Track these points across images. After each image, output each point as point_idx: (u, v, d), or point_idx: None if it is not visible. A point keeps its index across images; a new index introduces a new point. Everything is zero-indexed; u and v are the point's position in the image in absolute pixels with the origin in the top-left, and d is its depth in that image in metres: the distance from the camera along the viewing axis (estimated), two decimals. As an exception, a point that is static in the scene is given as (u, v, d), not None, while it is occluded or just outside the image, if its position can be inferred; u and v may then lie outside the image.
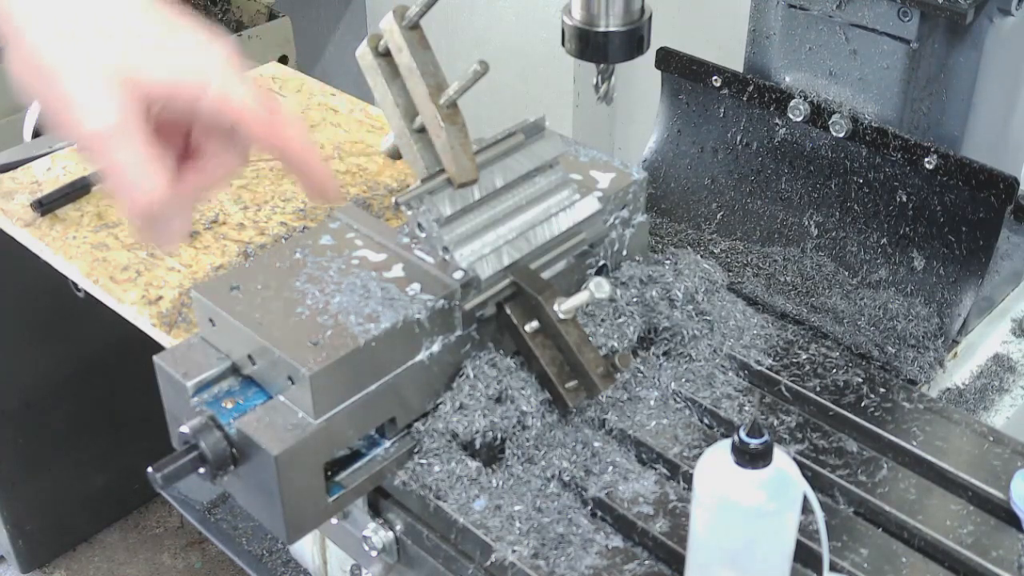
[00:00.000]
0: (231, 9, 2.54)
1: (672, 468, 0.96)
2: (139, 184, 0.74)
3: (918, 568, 0.88)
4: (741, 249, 1.29)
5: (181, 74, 0.76)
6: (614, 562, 0.89)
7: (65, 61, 0.73)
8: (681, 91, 1.37)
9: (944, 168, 1.15)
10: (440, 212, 0.96)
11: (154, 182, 0.74)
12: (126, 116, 0.73)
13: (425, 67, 0.98)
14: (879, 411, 1.01)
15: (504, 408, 0.96)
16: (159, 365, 0.93)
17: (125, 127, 0.73)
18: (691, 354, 1.06)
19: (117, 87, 0.73)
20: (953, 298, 1.17)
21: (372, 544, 0.99)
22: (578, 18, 1.19)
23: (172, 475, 0.85)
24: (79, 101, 0.73)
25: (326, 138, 1.46)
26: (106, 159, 0.74)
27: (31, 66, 0.74)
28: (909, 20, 1.15)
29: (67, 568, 1.93)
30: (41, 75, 0.74)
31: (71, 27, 0.74)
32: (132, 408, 1.59)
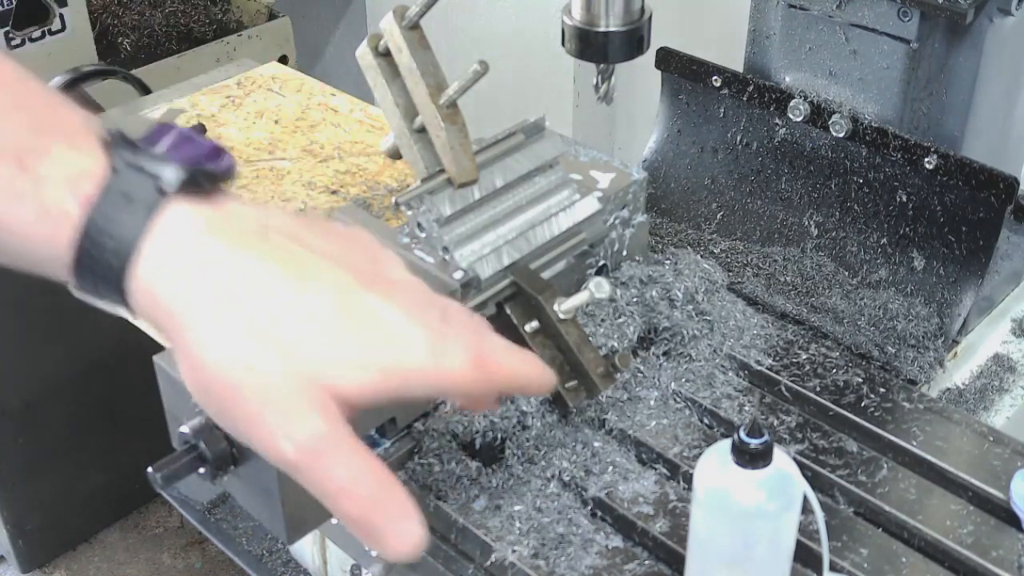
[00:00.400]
0: (231, 9, 2.54)
1: (672, 468, 0.96)
2: (356, 494, 0.64)
3: (918, 568, 0.88)
4: (741, 249, 1.29)
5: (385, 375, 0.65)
6: (614, 562, 0.89)
7: (249, 376, 0.62)
8: (681, 91, 1.37)
9: (944, 168, 1.15)
10: (440, 212, 0.96)
11: (371, 487, 0.64)
12: (327, 428, 0.63)
13: (425, 67, 0.98)
14: (879, 411, 1.01)
15: (504, 408, 0.96)
16: (159, 365, 0.93)
17: (326, 441, 0.63)
18: (691, 354, 1.06)
19: (315, 399, 0.62)
20: (953, 298, 1.17)
21: (372, 544, 0.99)
22: (578, 18, 1.19)
23: (172, 475, 0.85)
24: (270, 422, 0.62)
25: (326, 138, 1.46)
26: (311, 478, 0.63)
27: (206, 379, 0.63)
28: (909, 20, 1.15)
29: (67, 568, 1.93)
30: (220, 390, 0.63)
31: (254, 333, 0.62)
32: (132, 408, 1.59)
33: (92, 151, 0.64)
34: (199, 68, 2.08)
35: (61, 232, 0.63)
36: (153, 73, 2.18)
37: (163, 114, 1.52)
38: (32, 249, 0.64)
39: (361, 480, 0.64)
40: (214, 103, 1.55)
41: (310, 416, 0.63)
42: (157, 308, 0.64)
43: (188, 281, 0.63)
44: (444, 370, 0.67)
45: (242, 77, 1.62)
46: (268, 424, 0.63)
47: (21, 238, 0.64)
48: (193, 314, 0.63)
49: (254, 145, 1.45)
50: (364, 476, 0.64)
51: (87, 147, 0.64)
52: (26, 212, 0.62)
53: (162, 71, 2.26)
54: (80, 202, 0.62)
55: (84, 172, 0.63)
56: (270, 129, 1.48)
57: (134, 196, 0.63)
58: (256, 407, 0.63)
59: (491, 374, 0.69)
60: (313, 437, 0.63)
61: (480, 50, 2.47)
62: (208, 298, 0.63)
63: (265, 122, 1.50)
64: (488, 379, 0.69)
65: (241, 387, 0.63)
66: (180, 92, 1.58)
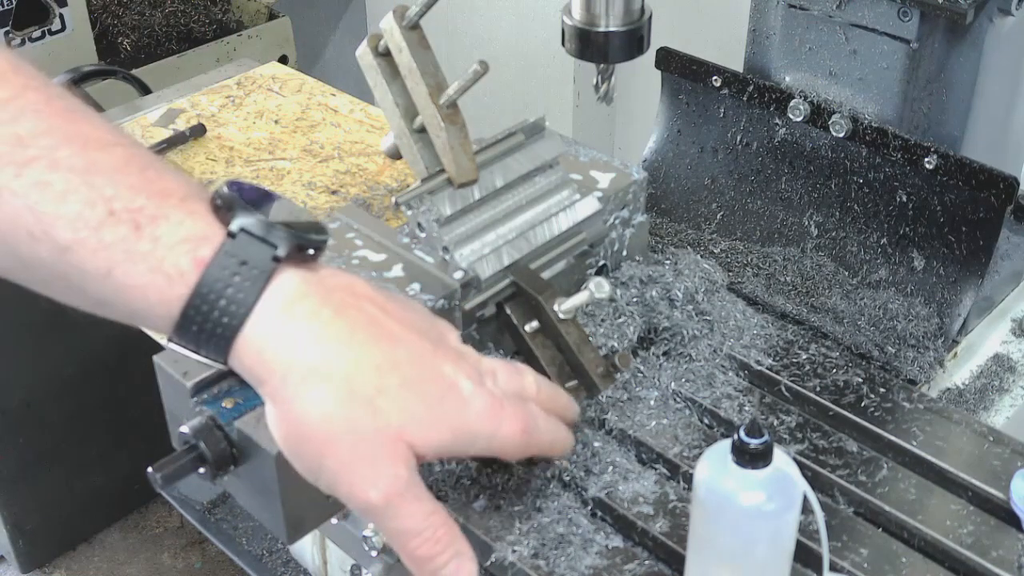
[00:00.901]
0: (231, 9, 2.54)
1: (672, 468, 0.96)
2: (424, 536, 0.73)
3: (918, 568, 0.88)
4: (741, 249, 1.29)
5: (452, 437, 0.74)
6: (614, 562, 0.89)
7: (345, 430, 0.70)
8: (681, 91, 1.37)
9: (944, 168, 1.15)
10: (440, 212, 0.96)
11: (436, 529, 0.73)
12: (408, 478, 0.71)
13: (425, 67, 0.98)
14: (879, 411, 1.01)
15: (504, 408, 0.96)
16: (159, 365, 0.93)
17: (406, 489, 0.71)
18: (691, 354, 1.06)
19: (397, 452, 0.71)
20: (953, 298, 1.17)
21: (372, 544, 0.99)
22: (578, 18, 1.19)
23: (172, 475, 0.85)
24: (360, 471, 0.71)
25: (326, 138, 1.46)
26: (391, 523, 0.72)
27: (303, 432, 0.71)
28: (909, 20, 1.15)
29: (67, 568, 1.93)
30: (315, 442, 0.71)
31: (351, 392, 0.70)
32: (132, 408, 1.59)
33: (205, 215, 0.70)
34: (199, 68, 2.08)
35: (174, 291, 0.68)
36: (153, 73, 2.18)
37: (163, 114, 1.52)
38: (140, 305, 0.69)
39: (432, 523, 0.73)
40: (214, 103, 1.55)
41: (395, 466, 0.71)
42: (263, 366, 0.70)
43: (295, 344, 0.70)
44: (500, 436, 0.77)
45: (242, 77, 1.62)
46: (359, 473, 0.71)
47: (131, 294, 0.68)
48: (298, 374, 0.69)
49: (254, 145, 1.45)
50: (434, 520, 0.73)
51: (200, 211, 0.70)
52: (140, 271, 0.67)
53: (162, 71, 2.26)
54: (196, 265, 0.68)
55: (201, 235, 0.69)
56: (270, 129, 1.48)
57: (250, 261, 0.69)
58: (349, 457, 0.70)
59: (534, 441, 0.80)
60: (396, 484, 0.71)
61: (480, 50, 2.48)
62: (312, 361, 0.70)
63: (265, 122, 1.50)
64: (530, 444, 0.80)
65: (337, 440, 0.70)
66: (180, 92, 1.58)
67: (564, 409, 0.88)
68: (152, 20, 2.42)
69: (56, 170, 0.67)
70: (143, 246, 0.67)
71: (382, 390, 0.71)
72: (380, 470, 0.71)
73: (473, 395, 0.75)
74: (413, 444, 0.72)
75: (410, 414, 0.72)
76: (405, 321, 0.75)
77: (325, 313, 0.71)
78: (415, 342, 0.74)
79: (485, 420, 0.76)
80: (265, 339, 0.69)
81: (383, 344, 0.72)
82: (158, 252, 0.67)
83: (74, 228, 0.66)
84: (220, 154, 1.43)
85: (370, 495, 0.71)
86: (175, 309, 0.68)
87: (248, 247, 0.69)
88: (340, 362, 0.70)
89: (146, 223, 0.67)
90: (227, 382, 0.93)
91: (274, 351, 0.69)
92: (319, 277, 0.72)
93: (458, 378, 0.75)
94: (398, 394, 0.72)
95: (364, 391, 0.70)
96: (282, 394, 0.70)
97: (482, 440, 0.76)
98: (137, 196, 0.67)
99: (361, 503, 0.71)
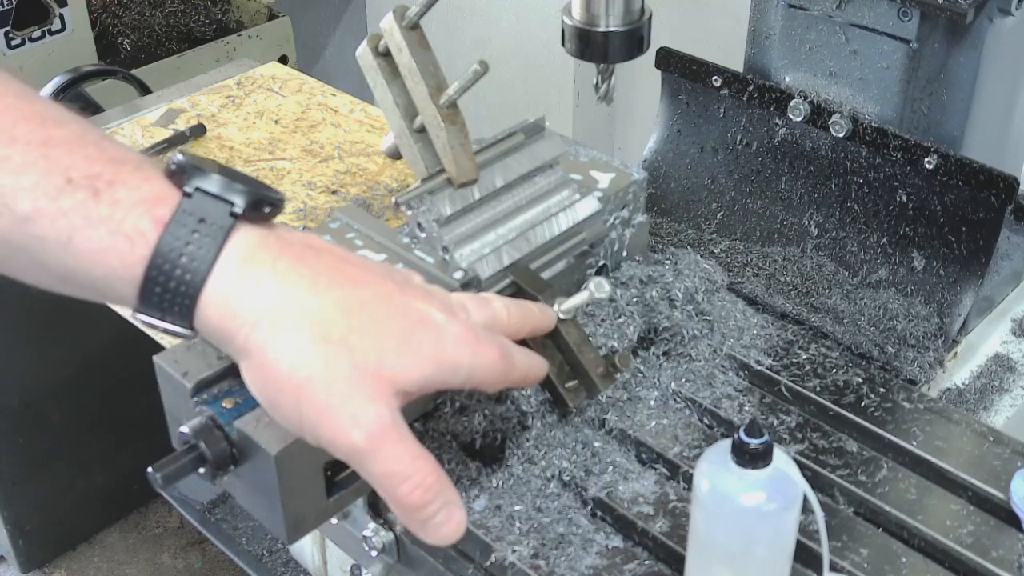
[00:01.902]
0: (231, 9, 2.54)
1: (672, 468, 0.96)
2: (413, 481, 0.70)
3: (918, 568, 0.88)
4: (741, 249, 1.29)
5: (434, 368, 0.73)
6: (614, 562, 0.89)
7: (318, 372, 0.69)
8: (681, 91, 1.37)
9: (944, 168, 1.15)
10: (440, 212, 0.96)
11: (426, 475, 0.71)
12: (388, 417, 0.70)
13: (425, 67, 0.98)
14: (879, 411, 1.01)
15: (504, 408, 0.96)
16: (159, 365, 0.93)
17: (390, 429, 0.70)
18: (691, 354, 1.06)
19: (376, 390, 0.70)
20: (953, 298, 1.17)
21: (372, 544, 0.99)
22: (578, 18, 1.19)
23: (172, 475, 0.85)
24: (340, 413, 0.69)
25: (326, 138, 1.46)
26: (376, 466, 0.70)
27: (277, 380, 0.69)
28: (909, 20, 1.15)
29: (67, 568, 1.93)
30: (290, 389, 0.69)
31: (321, 335, 0.69)
32: (132, 408, 1.59)
33: (161, 179, 0.70)
34: (199, 68, 2.08)
35: (135, 252, 0.68)
36: (153, 73, 2.19)
37: (163, 114, 1.52)
38: (102, 273, 0.69)
39: (419, 467, 0.71)
40: (214, 103, 1.55)
41: (375, 405, 0.69)
42: (228, 322, 0.70)
43: (258, 295, 0.69)
44: (480, 364, 0.76)
45: (242, 77, 1.62)
46: (338, 416, 0.69)
47: (92, 260, 0.68)
48: (264, 323, 0.69)
49: (254, 145, 1.45)
50: (423, 464, 0.71)
51: (156, 176, 0.70)
52: (100, 235, 0.67)
53: (162, 71, 2.26)
54: (155, 224, 0.68)
55: (158, 196, 0.69)
56: (270, 129, 1.48)
57: (208, 218, 0.69)
58: (326, 399, 0.69)
59: (512, 368, 0.79)
60: (379, 424, 0.69)
61: (480, 50, 2.48)
62: (277, 308, 0.69)
63: (265, 122, 1.50)
64: (509, 372, 0.79)
65: (311, 385, 0.69)
66: (180, 92, 1.58)
67: (539, 321, 0.88)
68: (152, 20, 2.42)
69: (14, 144, 0.68)
70: (102, 211, 0.67)
71: (353, 329, 0.70)
72: (361, 410, 0.69)
73: (447, 324, 0.74)
74: (394, 380, 0.70)
75: (386, 349, 0.70)
76: (366, 267, 0.75)
77: (285, 262, 0.71)
78: (380, 283, 0.74)
79: (463, 348, 0.74)
80: (228, 292, 0.69)
81: (347, 287, 0.72)
82: (117, 215, 0.67)
83: (33, 198, 0.67)
84: (220, 154, 1.43)
85: (352, 436, 0.69)
86: (137, 272, 0.68)
87: (206, 205, 0.69)
88: (306, 306, 0.69)
89: (104, 188, 0.68)
90: (227, 382, 0.93)
91: (239, 303, 0.69)
92: (277, 233, 0.73)
93: (429, 311, 0.74)
94: (370, 331, 0.70)
95: (335, 332, 0.69)
96: (252, 345, 0.69)
97: (463, 369, 0.75)
98: (94, 165, 0.68)
99: (344, 447, 0.69)
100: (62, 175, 0.67)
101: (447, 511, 0.72)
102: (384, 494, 0.71)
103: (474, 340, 0.76)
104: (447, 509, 0.72)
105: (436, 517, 0.71)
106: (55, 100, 1.55)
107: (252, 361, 0.70)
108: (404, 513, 0.71)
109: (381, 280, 0.74)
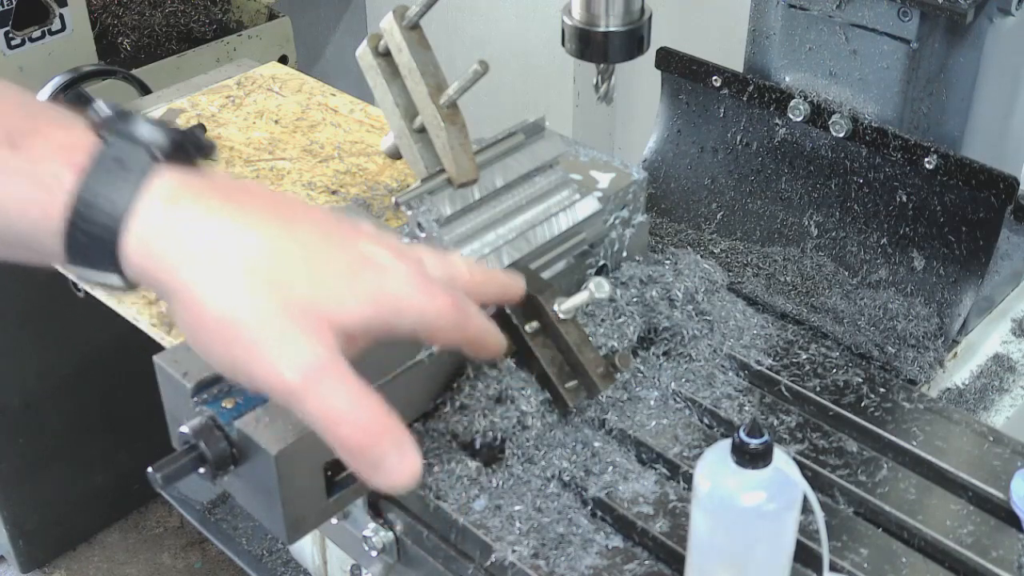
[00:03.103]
0: (231, 9, 2.54)
1: (672, 468, 0.96)
2: (356, 421, 0.66)
3: (918, 568, 0.88)
4: (741, 249, 1.29)
5: (374, 308, 0.69)
6: (614, 562, 0.89)
7: (247, 308, 0.65)
8: (681, 91, 1.37)
9: (944, 168, 1.15)
10: (440, 212, 0.96)
11: (371, 414, 0.66)
12: (327, 354, 0.66)
13: (425, 67, 0.98)
14: (879, 411, 1.01)
15: (504, 408, 0.96)
16: (159, 365, 0.93)
17: (327, 366, 0.65)
18: (691, 354, 1.06)
19: (310, 327, 0.66)
20: (953, 298, 1.17)
21: (372, 544, 0.99)
22: (578, 18, 1.19)
23: (172, 475, 0.85)
24: (271, 350, 0.65)
25: (326, 138, 1.46)
26: (312, 404, 0.65)
27: (205, 319, 0.66)
28: (909, 20, 1.15)
29: (67, 568, 1.93)
30: (219, 327, 0.66)
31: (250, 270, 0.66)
32: (132, 408, 1.59)
33: (80, 128, 0.68)
34: (199, 68, 2.08)
35: (55, 200, 0.66)
36: (153, 73, 2.18)
37: (163, 114, 1.52)
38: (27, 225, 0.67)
39: (362, 406, 0.66)
40: (214, 103, 1.55)
41: (310, 342, 0.65)
42: (154, 262, 0.67)
43: (184, 233, 0.66)
44: (431, 311, 0.72)
45: (242, 77, 1.62)
46: (269, 353, 0.65)
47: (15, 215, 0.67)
48: (190, 261, 0.66)
49: (254, 145, 1.45)
50: (364, 402, 0.66)
51: (75, 125, 0.69)
52: (19, 187, 0.66)
53: (162, 71, 2.26)
54: (73, 170, 0.66)
55: (75, 144, 0.67)
56: (270, 129, 1.48)
57: (127, 162, 0.67)
58: (256, 337, 0.65)
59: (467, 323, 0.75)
60: (314, 361, 0.65)
61: (480, 50, 2.47)
62: (203, 245, 0.66)
63: (265, 122, 1.50)
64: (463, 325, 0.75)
65: (240, 321, 0.65)
66: (180, 92, 1.58)
67: (506, 286, 0.85)
68: (152, 20, 2.42)
69: None
70: (19, 163, 0.66)
71: (284, 265, 0.67)
72: (292, 347, 0.65)
73: (393, 264, 0.71)
74: (330, 317, 0.67)
75: (320, 285, 0.67)
76: (306, 207, 0.72)
77: (211, 200, 0.68)
78: (319, 221, 0.71)
79: (409, 289, 0.71)
80: (152, 234, 0.66)
81: (280, 223, 0.68)
82: (35, 166, 0.66)
83: None
84: (220, 154, 1.43)
85: (284, 375, 0.65)
86: (59, 221, 0.66)
87: (124, 148, 0.67)
88: (233, 243, 0.66)
89: (20, 140, 0.66)
90: (227, 382, 0.93)
91: (163, 243, 0.66)
92: (205, 175, 0.70)
93: (374, 250, 0.71)
94: (303, 267, 0.67)
95: (263, 267, 0.66)
96: (178, 285, 0.66)
97: (409, 314, 0.71)
98: (10, 119, 0.67)
99: (278, 385, 0.65)
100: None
101: (398, 454, 0.67)
102: (326, 438, 0.67)
103: (423, 283, 0.72)
104: (398, 451, 0.67)
105: (385, 461, 0.67)
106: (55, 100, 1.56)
107: (180, 302, 0.67)
108: (349, 457, 0.67)
109: (320, 218, 0.71)
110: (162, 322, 1.14)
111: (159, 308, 1.15)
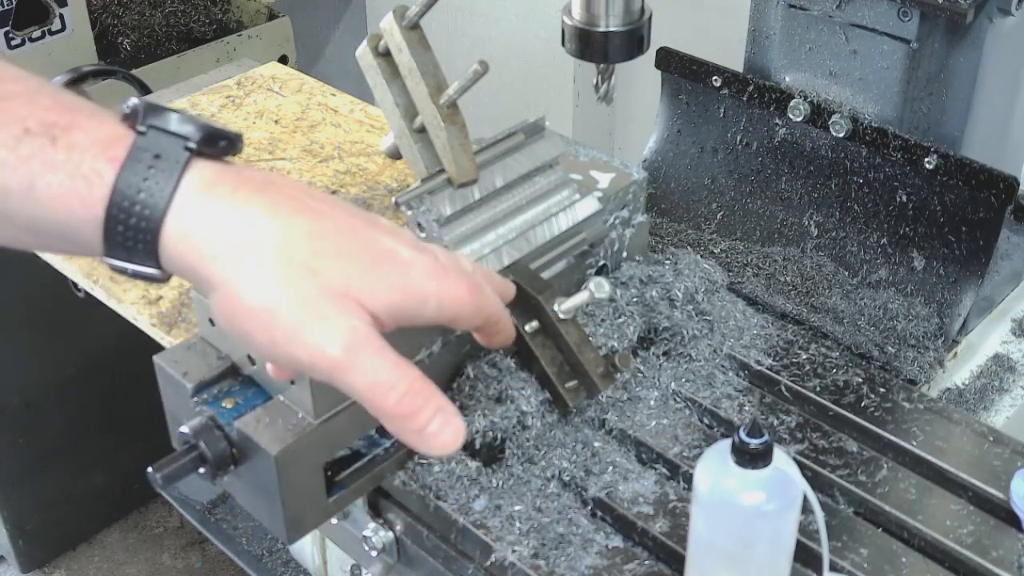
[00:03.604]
0: (231, 9, 2.54)
1: (672, 468, 0.96)
2: (399, 389, 0.69)
3: (918, 568, 0.88)
4: (741, 249, 1.29)
5: (401, 296, 0.72)
6: (614, 562, 0.89)
7: (286, 295, 0.68)
8: (681, 91, 1.37)
9: (944, 168, 1.15)
10: (440, 212, 0.96)
11: (412, 380, 0.70)
12: (363, 329, 0.69)
13: (425, 67, 0.98)
14: (879, 411, 1.01)
15: (504, 408, 0.96)
16: (159, 365, 0.93)
17: (367, 340, 0.69)
18: (691, 354, 1.06)
19: (347, 307, 0.69)
20: (953, 298, 1.17)
21: (372, 544, 0.99)
22: (578, 18, 1.19)
23: (172, 475, 0.85)
24: (312, 330, 0.68)
25: (326, 138, 1.46)
26: (356, 376, 0.69)
27: (246, 308, 0.69)
28: (909, 20, 1.15)
29: (67, 568, 1.93)
30: (260, 315, 0.69)
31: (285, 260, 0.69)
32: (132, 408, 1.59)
33: (116, 122, 0.71)
34: (199, 68, 2.08)
35: (95, 193, 0.68)
36: (153, 73, 2.18)
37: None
38: (65, 218, 0.69)
39: (403, 376, 0.69)
40: (214, 103, 1.55)
41: (348, 319, 0.69)
42: (193, 254, 0.69)
43: (221, 225, 0.69)
44: (450, 297, 0.75)
45: (242, 77, 1.62)
46: (311, 332, 0.68)
47: (54, 206, 0.69)
48: (228, 253, 0.69)
49: (254, 145, 1.45)
50: (405, 372, 0.70)
51: (111, 120, 0.71)
52: (60, 179, 0.68)
53: (162, 71, 2.26)
54: (112, 163, 0.69)
55: (113, 137, 0.70)
56: (270, 129, 1.48)
57: (163, 154, 0.69)
58: (296, 320, 0.68)
59: (484, 306, 0.79)
60: (354, 336, 0.68)
61: (480, 50, 2.47)
62: (241, 237, 0.69)
63: (265, 122, 1.50)
64: (481, 309, 0.78)
65: (280, 307, 0.68)
66: (180, 92, 1.58)
67: (502, 285, 0.88)
68: (152, 20, 2.42)
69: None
70: (60, 156, 0.68)
71: (317, 254, 0.70)
72: (333, 324, 0.68)
73: (414, 257, 0.74)
74: (361, 301, 0.70)
75: (351, 274, 0.70)
76: (330, 201, 0.75)
77: (244, 193, 0.70)
78: (343, 217, 0.74)
79: (431, 279, 0.74)
80: (189, 226, 0.69)
81: (309, 215, 0.71)
82: (74, 158, 0.68)
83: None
84: (220, 154, 1.43)
85: (327, 351, 0.68)
86: (98, 213, 0.69)
87: (160, 141, 0.70)
88: (268, 233, 0.69)
89: (60, 134, 0.68)
90: (227, 382, 0.93)
91: (201, 235, 0.69)
92: (235, 167, 0.73)
93: (396, 245, 0.74)
94: (335, 258, 0.70)
95: (298, 256, 0.69)
96: (216, 277, 0.69)
97: (432, 300, 0.74)
98: (50, 114, 0.69)
99: (322, 363, 0.68)
100: (20, 125, 0.68)
101: (442, 417, 0.70)
102: (372, 408, 0.70)
103: (442, 272, 0.75)
104: (442, 415, 0.70)
105: (431, 425, 0.70)
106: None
107: (218, 293, 0.70)
108: (397, 425, 0.70)
109: (345, 215, 0.74)
110: (162, 322, 1.14)
111: (159, 308, 1.15)
